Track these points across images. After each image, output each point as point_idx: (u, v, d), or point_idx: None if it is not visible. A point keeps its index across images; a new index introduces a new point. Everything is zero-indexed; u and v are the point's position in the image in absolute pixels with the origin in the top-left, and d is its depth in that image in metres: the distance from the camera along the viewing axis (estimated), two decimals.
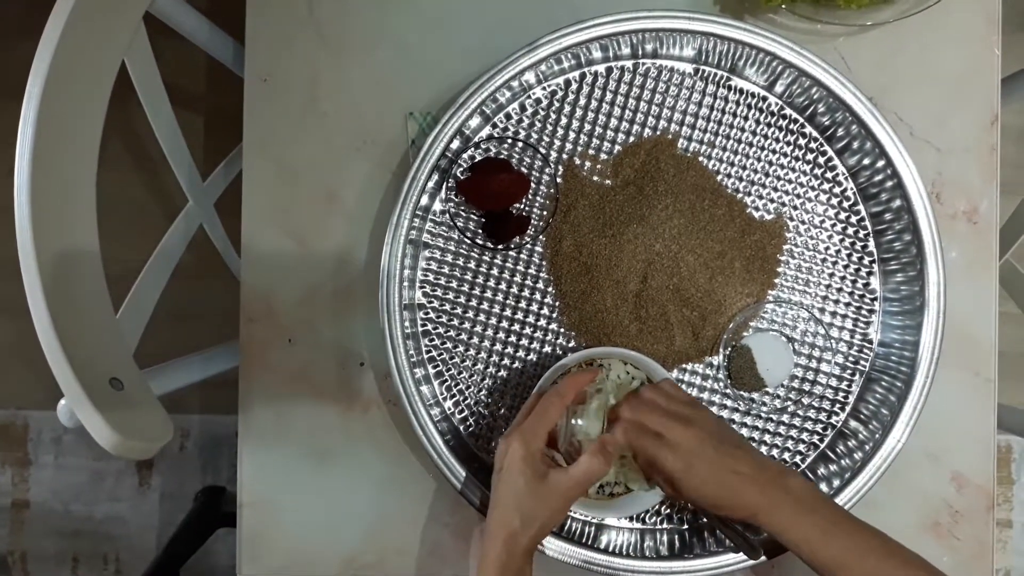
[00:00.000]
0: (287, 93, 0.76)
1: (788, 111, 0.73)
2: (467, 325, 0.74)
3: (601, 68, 0.73)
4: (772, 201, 0.74)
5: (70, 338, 0.63)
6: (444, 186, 0.73)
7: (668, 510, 0.73)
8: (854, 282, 0.74)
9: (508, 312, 0.74)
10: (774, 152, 0.74)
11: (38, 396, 1.53)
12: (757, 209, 0.74)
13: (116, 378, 0.69)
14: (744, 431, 0.74)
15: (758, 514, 0.61)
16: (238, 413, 0.75)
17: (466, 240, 0.73)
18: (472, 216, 0.73)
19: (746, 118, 0.74)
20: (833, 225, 0.74)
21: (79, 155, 0.70)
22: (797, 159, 0.74)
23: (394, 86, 0.76)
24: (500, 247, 0.73)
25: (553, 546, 0.70)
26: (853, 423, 0.73)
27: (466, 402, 0.74)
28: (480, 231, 0.73)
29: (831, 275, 0.74)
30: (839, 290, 0.74)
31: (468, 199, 0.72)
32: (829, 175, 0.74)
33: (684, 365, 0.73)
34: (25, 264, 0.62)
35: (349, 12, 0.76)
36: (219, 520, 1.39)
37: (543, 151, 0.73)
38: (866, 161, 0.72)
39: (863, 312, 0.74)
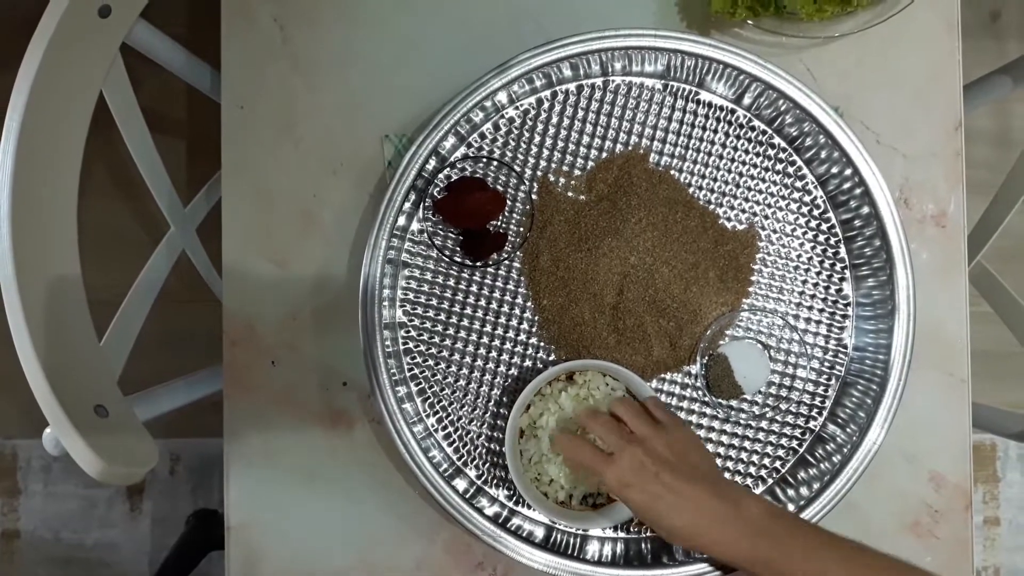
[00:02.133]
0: (263, 119, 0.77)
1: (756, 123, 0.75)
2: (448, 342, 0.75)
3: (572, 86, 0.75)
4: (744, 211, 0.75)
5: (54, 366, 0.64)
6: (421, 206, 0.74)
7: None
8: (827, 288, 0.75)
9: (488, 328, 0.75)
10: (744, 163, 0.75)
11: (25, 424, 1.52)
12: (729, 220, 0.75)
13: (101, 405, 0.69)
14: (724, 438, 0.75)
15: (712, 548, 0.60)
16: (223, 436, 0.76)
17: (444, 258, 0.74)
18: (450, 235, 0.74)
19: (715, 131, 0.75)
20: (804, 233, 0.75)
21: (59, 185, 0.71)
22: (767, 169, 0.75)
23: (369, 109, 0.77)
24: (478, 264, 0.74)
25: (539, 559, 0.71)
26: (831, 427, 0.74)
27: (449, 418, 0.74)
28: (458, 249, 0.74)
29: (804, 282, 0.75)
30: (812, 296, 0.75)
31: (445, 218, 0.73)
32: (799, 184, 0.75)
33: (663, 375, 0.74)
34: (7, 293, 0.63)
35: (321, 38, 0.77)
36: (211, 543, 1.39)
37: (518, 169, 0.75)
38: (834, 170, 0.74)
39: (837, 317, 0.75)
